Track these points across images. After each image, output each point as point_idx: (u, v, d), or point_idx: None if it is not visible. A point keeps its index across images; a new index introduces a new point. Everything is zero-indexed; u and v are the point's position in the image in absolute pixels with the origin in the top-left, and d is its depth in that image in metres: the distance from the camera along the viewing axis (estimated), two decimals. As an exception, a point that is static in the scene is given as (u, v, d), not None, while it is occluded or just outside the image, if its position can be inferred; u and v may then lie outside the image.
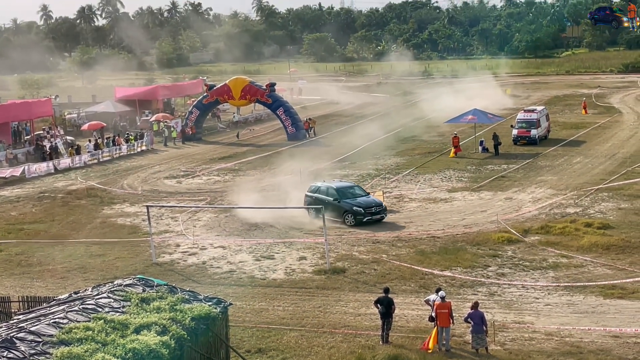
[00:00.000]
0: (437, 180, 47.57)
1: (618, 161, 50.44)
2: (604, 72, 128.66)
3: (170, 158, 61.53)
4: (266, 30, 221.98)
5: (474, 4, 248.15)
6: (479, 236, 34.29)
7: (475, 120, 59.42)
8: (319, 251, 32.74)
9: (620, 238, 32.95)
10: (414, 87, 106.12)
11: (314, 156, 58.27)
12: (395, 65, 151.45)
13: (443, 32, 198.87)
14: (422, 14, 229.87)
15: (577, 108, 78.74)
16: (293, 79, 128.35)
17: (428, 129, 69.66)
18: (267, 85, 70.33)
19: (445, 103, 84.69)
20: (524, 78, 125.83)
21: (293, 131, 67.49)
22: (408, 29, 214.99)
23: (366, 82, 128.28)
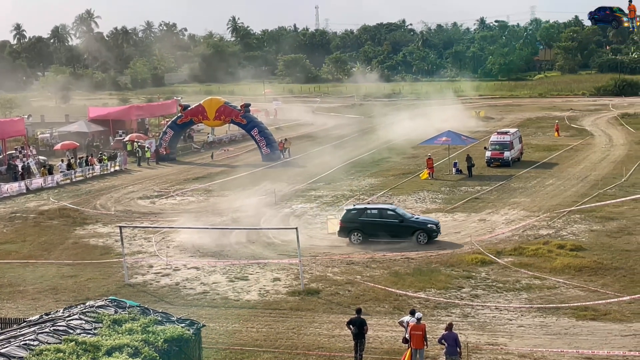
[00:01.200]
0: (411, 201, 47.66)
1: (590, 183, 50.82)
2: (576, 95, 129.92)
3: (143, 178, 61.22)
4: (241, 51, 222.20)
5: (448, 27, 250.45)
6: (453, 257, 34.37)
7: (449, 142, 59.71)
8: (293, 272, 32.65)
9: (593, 260, 33.17)
10: (389, 109, 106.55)
11: (289, 177, 58.30)
12: (369, 87, 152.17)
13: (417, 54, 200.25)
14: (397, 36, 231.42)
15: (550, 130, 79.44)
16: (268, 99, 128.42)
17: (402, 150, 69.89)
18: (241, 105, 70.31)
19: (418, 124, 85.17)
20: (497, 100, 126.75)
21: (268, 152, 67.46)
22: (382, 50, 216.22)
23: (341, 103, 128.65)
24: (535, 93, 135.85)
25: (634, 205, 43.37)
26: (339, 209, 44.38)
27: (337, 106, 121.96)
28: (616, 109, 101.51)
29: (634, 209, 42.60)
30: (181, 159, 70.94)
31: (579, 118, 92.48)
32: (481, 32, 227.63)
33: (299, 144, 75.02)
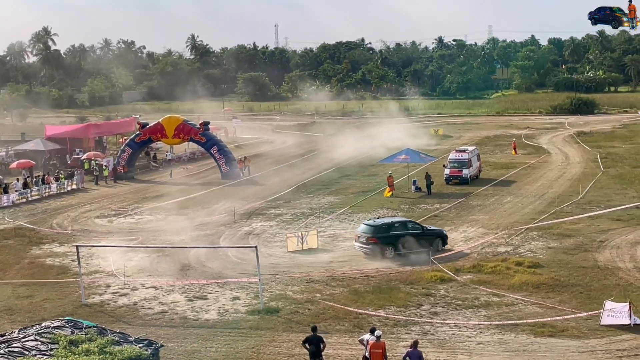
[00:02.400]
0: (371, 219, 47.70)
1: (547, 201, 51.38)
2: (533, 113, 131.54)
3: (101, 197, 60.60)
4: (200, 69, 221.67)
5: (407, 46, 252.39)
6: (412, 275, 34.49)
7: (408, 160, 60.05)
8: (252, 291, 32.48)
9: (550, 277, 33.49)
10: (348, 127, 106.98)
11: (248, 195, 58.15)
12: (329, 105, 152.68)
13: (376, 72, 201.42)
14: (356, 55, 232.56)
15: (507, 148, 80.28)
16: (227, 117, 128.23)
17: (361, 168, 70.13)
18: (200, 123, 70.06)
19: (377, 142, 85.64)
20: (455, 118, 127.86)
21: (227, 170, 67.20)
22: (342, 69, 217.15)
23: (300, 121, 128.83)
24: (492, 111, 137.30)
25: (590, 222, 43.94)
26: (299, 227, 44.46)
27: (296, 124, 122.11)
28: (572, 127, 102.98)
29: (590, 226, 43.14)
30: (139, 178, 70.38)
31: (536, 136, 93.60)
32: (439, 51, 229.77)
33: (258, 162, 74.91)
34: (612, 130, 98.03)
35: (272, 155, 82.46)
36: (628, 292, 30.60)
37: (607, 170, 63.45)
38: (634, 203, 48.53)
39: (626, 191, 53.91)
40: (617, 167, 65.60)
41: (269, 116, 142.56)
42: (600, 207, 48.10)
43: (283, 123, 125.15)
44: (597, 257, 36.75)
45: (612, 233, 41.34)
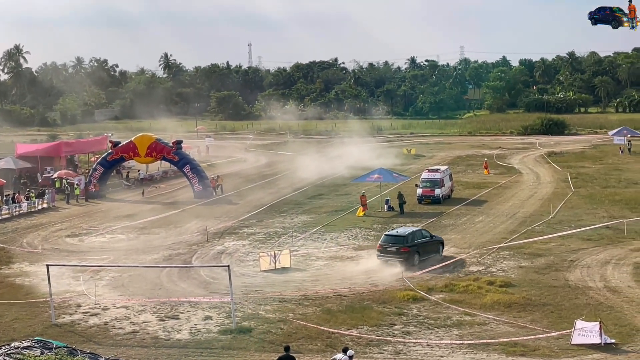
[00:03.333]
0: (343, 238, 47.83)
1: (519, 220, 51.71)
2: (505, 133, 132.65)
3: (72, 216, 60.14)
4: (173, 87, 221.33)
5: (380, 66, 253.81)
6: (385, 294, 34.52)
7: (381, 180, 60.23)
8: (224, 310, 32.34)
9: (522, 296, 33.68)
10: (321, 146, 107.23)
11: (221, 214, 58.02)
12: (302, 124, 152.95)
13: (349, 92, 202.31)
14: (329, 74, 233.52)
15: (479, 168, 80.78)
16: (200, 136, 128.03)
17: (334, 188, 70.25)
18: (173, 142, 69.89)
19: (349, 161, 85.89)
20: (428, 138, 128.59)
21: (200, 189, 66.99)
22: (315, 88, 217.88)
23: (273, 140, 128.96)
24: (464, 131, 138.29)
25: (561, 242, 44.29)
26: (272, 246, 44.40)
27: (269, 143, 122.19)
28: (543, 147, 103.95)
29: (561, 245, 43.47)
30: (111, 196, 69.94)
31: (508, 156, 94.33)
32: (412, 71, 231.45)
33: (231, 181, 74.73)
34: (583, 150, 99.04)
35: (245, 174, 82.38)
36: (598, 312, 30.85)
37: (578, 190, 64.03)
38: (604, 223, 49.09)
39: (596, 211, 54.39)
40: (588, 187, 66.22)
41: (242, 135, 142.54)
42: (570, 226, 48.53)
43: (256, 142, 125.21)
44: (568, 276, 37.01)
45: (582, 252, 41.66)
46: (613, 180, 69.90)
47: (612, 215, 52.35)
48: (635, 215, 51.41)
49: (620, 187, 65.72)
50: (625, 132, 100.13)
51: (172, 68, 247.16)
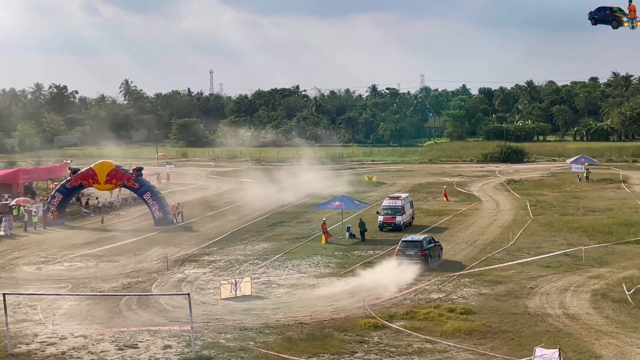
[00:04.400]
0: (305, 265, 47.73)
1: (479, 247, 52.02)
2: (465, 161, 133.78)
3: (30, 244, 59.25)
4: (134, 114, 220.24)
5: (341, 93, 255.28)
6: (346, 322, 34.44)
7: (342, 207, 60.28)
8: (184, 339, 32.02)
9: (482, 323, 33.81)
10: (282, 173, 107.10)
11: (181, 241, 57.63)
12: (264, 151, 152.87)
13: (311, 119, 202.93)
14: (291, 102, 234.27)
15: (440, 195, 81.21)
16: (161, 163, 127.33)
17: (296, 215, 70.16)
18: (133, 169, 69.41)
19: (311, 189, 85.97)
20: (389, 166, 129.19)
21: (160, 216, 66.48)
22: (277, 115, 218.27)
23: (235, 167, 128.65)
24: (425, 159, 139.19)
25: (520, 269, 44.63)
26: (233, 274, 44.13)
27: (231, 170, 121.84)
28: (502, 175, 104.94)
29: (521, 272, 43.80)
30: (70, 224, 69.10)
31: (468, 184, 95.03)
32: (373, 99, 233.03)
33: (192, 208, 74.31)
34: (541, 178, 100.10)
35: (206, 202, 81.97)
36: (558, 339, 31.06)
37: (537, 218, 64.66)
38: (563, 250, 49.57)
39: (555, 238, 54.94)
40: (546, 214, 66.90)
41: (203, 162, 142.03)
42: (530, 254, 48.94)
43: (217, 169, 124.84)
44: (527, 303, 37.26)
45: (541, 280, 42.00)
46: (571, 207, 70.72)
47: (570, 242, 52.90)
48: (593, 243, 52.06)
49: (578, 214, 66.50)
50: (582, 160, 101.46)
51: (133, 94, 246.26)
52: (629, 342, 30.95)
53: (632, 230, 56.31)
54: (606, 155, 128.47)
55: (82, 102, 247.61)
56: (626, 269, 44.12)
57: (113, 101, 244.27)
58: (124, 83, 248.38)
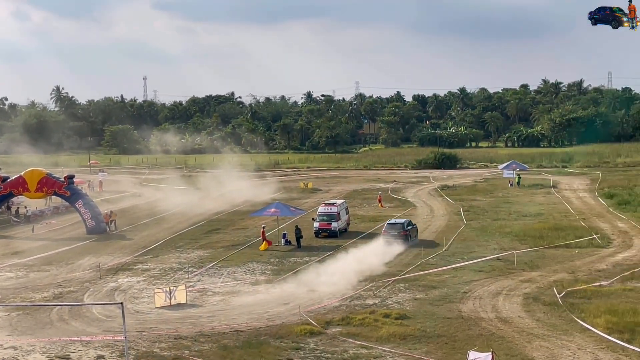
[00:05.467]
0: (240, 273, 47.51)
1: (413, 253, 52.37)
2: (399, 167, 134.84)
3: (-43, 253, 57.77)
4: (65, 121, 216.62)
5: (276, 100, 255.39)
6: (282, 329, 34.37)
7: (278, 213, 60.21)
8: (118, 349, 31.57)
9: (417, 328, 34.09)
10: (217, 180, 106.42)
11: (115, 250, 56.85)
12: (198, 158, 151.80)
13: (246, 126, 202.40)
14: (226, 108, 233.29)
15: (375, 201, 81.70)
16: (94, 171, 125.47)
17: (231, 222, 69.82)
18: (65, 177, 68.27)
19: (248, 195, 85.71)
20: (324, 172, 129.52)
21: (92, 224, 65.44)
22: (212, 122, 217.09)
23: (169, 174, 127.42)
24: (360, 165, 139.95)
25: (454, 273, 45.16)
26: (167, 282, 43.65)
27: (165, 177, 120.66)
28: (436, 181, 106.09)
29: (454, 277, 44.31)
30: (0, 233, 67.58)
31: (402, 190, 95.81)
32: (308, 106, 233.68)
33: (125, 216, 73.40)
34: (474, 184, 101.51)
35: (140, 209, 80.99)
36: (491, 342, 31.48)
37: (470, 223, 65.52)
38: (495, 255, 50.39)
39: (487, 243, 55.73)
40: (479, 219, 67.84)
41: (137, 169, 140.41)
42: (463, 258, 49.57)
43: (151, 176, 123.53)
44: (461, 307, 37.70)
45: (475, 284, 42.56)
46: (503, 212, 71.84)
47: (502, 247, 53.75)
48: (524, 247, 52.98)
49: (510, 219, 67.58)
50: (514, 165, 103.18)
51: (64, 101, 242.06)
52: (559, 344, 31.54)
53: (561, 234, 57.46)
54: (537, 161, 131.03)
55: (12, 109, 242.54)
56: (556, 273, 45.00)
57: (44, 108, 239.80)
58: (55, 89, 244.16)
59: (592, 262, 48.26)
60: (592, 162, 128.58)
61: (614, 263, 47.66)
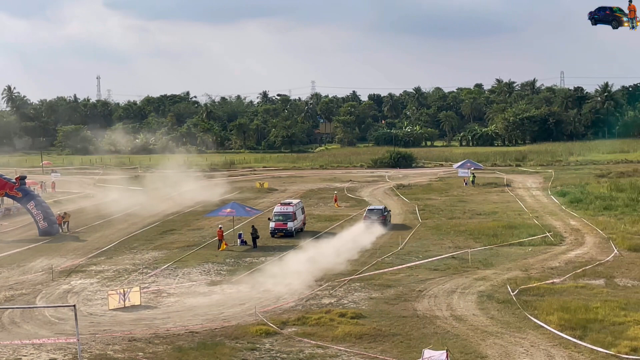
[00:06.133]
0: (196, 274, 47.21)
1: (369, 252, 52.57)
2: (355, 166, 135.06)
3: None
4: (17, 121, 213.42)
5: (232, 100, 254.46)
6: (238, 330, 34.24)
7: (233, 214, 59.93)
8: (71, 352, 31.20)
9: (372, 327, 34.19)
10: (173, 180, 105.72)
11: (68, 251, 56.15)
12: (153, 158, 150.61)
13: (202, 126, 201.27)
14: (181, 108, 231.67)
15: (331, 201, 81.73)
16: (46, 172, 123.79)
17: (186, 222, 69.36)
18: (16, 178, 67.19)
19: (204, 195, 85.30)
20: (280, 172, 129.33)
21: (45, 226, 64.51)
22: (167, 122, 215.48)
23: (124, 175, 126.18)
24: (316, 165, 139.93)
25: (409, 272, 45.40)
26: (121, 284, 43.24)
27: (119, 178, 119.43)
28: (392, 180, 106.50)
29: (410, 276, 44.53)
30: (-51, 235, 66.35)
31: (358, 189, 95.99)
32: (264, 105, 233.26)
33: (79, 218, 72.52)
34: (429, 183, 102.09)
35: (94, 210, 79.99)
36: (445, 340, 31.71)
37: (425, 222, 65.92)
38: (450, 253, 50.76)
39: (443, 242, 56.12)
40: (434, 218, 68.26)
41: (90, 170, 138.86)
42: (418, 257, 49.86)
43: (106, 177, 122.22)
44: (416, 306, 37.91)
45: (430, 282, 42.83)
46: (458, 211, 72.37)
47: (457, 245, 54.17)
48: (478, 245, 53.46)
49: (465, 218, 68.12)
50: (468, 164, 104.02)
51: (16, 101, 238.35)
52: (513, 341, 31.87)
53: (515, 232, 58.10)
54: (491, 160, 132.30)
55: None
56: (510, 271, 45.48)
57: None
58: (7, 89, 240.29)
59: (545, 259, 48.86)
60: (545, 161, 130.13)
61: (566, 260, 48.31)
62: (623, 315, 34.97)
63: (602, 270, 45.06)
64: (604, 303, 37.03)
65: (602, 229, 59.02)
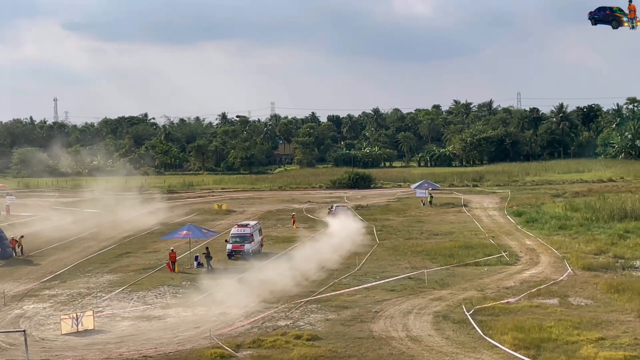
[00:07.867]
0: (151, 297, 46.72)
1: (326, 273, 52.48)
2: (314, 187, 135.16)
3: None
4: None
5: (191, 121, 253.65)
6: (192, 354, 33.91)
7: (190, 236, 59.55)
8: (21, 379, 30.59)
9: (328, 349, 34.08)
10: (130, 203, 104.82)
11: (21, 275, 55.25)
12: (110, 181, 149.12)
13: (160, 147, 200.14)
14: (139, 130, 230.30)
15: (289, 222, 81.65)
16: (1, 195, 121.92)
17: (142, 245, 68.70)
18: (-31, 201, 66.20)
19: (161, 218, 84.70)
20: (239, 193, 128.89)
21: (-2, 250, 63.49)
22: (124, 144, 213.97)
23: (80, 197, 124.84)
24: (275, 186, 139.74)
25: (366, 293, 45.38)
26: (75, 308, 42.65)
27: (75, 201, 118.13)
28: (351, 200, 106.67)
29: (366, 297, 44.52)
30: None
31: (317, 210, 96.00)
32: (223, 127, 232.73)
33: (33, 241, 71.45)
34: (387, 203, 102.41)
35: (49, 233, 78.78)
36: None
37: (383, 242, 66.06)
38: (407, 274, 50.87)
39: (399, 262, 56.27)
40: (392, 239, 68.46)
41: (46, 193, 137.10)
42: (375, 278, 49.88)
43: (62, 199, 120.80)
44: (372, 327, 37.88)
45: (386, 303, 42.86)
46: (415, 231, 72.69)
47: (414, 265, 54.34)
48: (435, 265, 53.69)
49: (422, 238, 68.42)
50: (426, 185, 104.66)
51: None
52: (468, 361, 31.97)
53: (471, 252, 58.46)
54: (448, 180, 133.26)
55: None
56: (466, 290, 45.70)
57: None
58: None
59: (500, 279, 49.20)
60: (501, 181, 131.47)
61: (521, 280, 48.69)
62: (576, 335, 35.29)
63: (556, 290, 45.50)
64: (557, 322, 37.38)
65: (556, 248, 59.69)
